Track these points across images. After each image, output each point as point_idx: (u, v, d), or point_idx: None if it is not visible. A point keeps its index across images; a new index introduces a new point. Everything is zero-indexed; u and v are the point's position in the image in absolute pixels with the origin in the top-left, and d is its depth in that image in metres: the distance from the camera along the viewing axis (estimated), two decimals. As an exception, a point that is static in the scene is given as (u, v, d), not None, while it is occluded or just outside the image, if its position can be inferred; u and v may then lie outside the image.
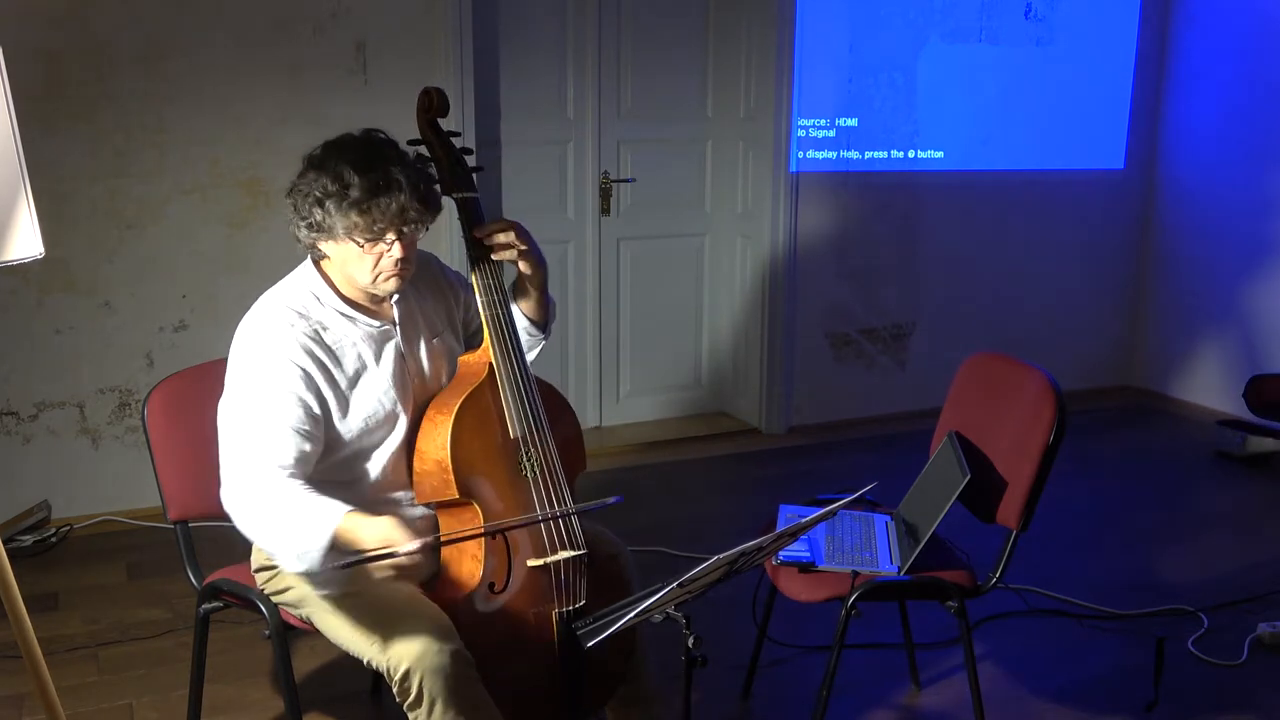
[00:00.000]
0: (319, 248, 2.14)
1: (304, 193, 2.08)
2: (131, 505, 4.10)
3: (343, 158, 2.06)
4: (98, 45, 3.85)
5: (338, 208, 2.04)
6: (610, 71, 4.91)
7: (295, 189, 2.11)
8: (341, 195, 2.03)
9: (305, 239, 2.13)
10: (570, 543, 2.23)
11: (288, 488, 1.98)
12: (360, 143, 2.11)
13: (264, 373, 2.06)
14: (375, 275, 2.11)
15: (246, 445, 2.03)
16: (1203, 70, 5.61)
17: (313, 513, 1.94)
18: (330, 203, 2.04)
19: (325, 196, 2.05)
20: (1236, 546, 3.99)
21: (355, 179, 2.03)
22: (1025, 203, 5.60)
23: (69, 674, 2.99)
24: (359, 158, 2.06)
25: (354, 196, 2.03)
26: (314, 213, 2.07)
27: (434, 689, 1.99)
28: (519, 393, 2.22)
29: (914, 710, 2.93)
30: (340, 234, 2.07)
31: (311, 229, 2.09)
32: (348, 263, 2.12)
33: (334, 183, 2.04)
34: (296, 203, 2.10)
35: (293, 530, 1.94)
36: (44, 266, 3.82)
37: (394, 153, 2.12)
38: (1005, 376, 2.68)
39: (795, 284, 5.14)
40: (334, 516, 1.93)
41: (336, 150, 2.09)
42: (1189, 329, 5.77)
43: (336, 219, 2.05)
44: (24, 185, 1.83)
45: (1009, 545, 2.49)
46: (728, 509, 4.35)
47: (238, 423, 2.06)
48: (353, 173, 2.03)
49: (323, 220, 2.06)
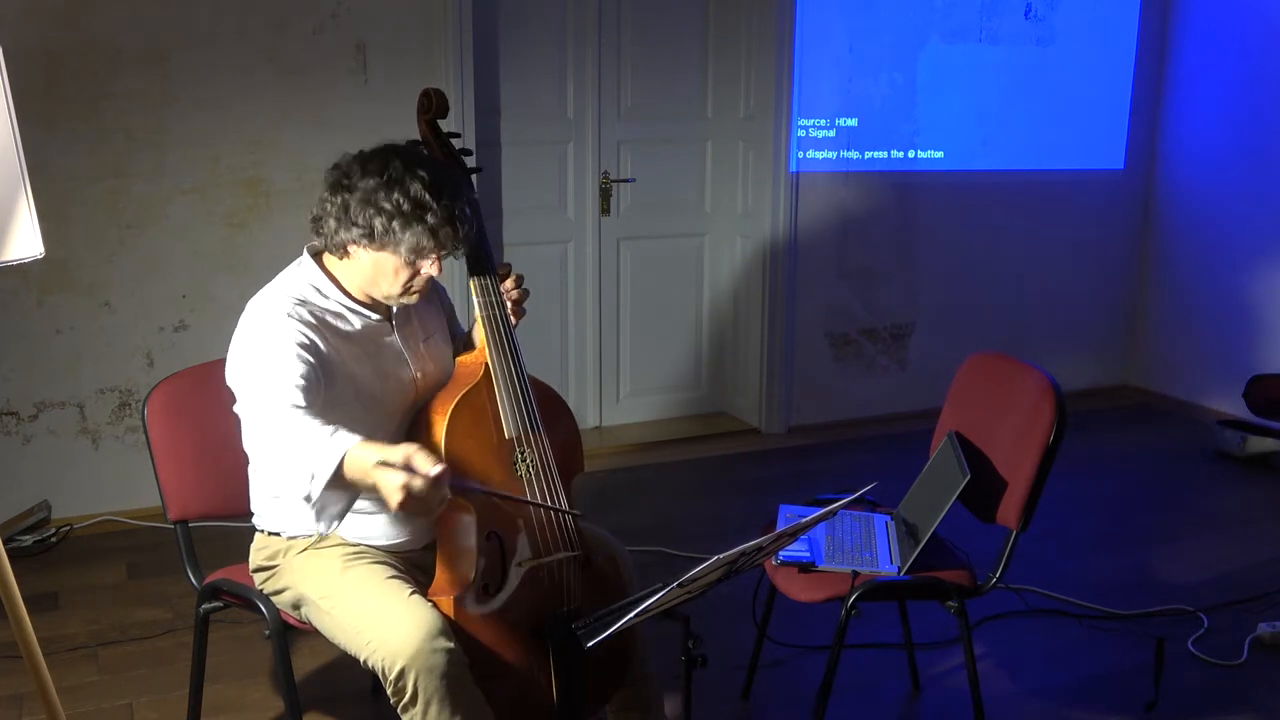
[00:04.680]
0: (349, 249, 2.11)
1: (364, 199, 2.04)
2: (131, 505, 4.10)
3: (415, 175, 2.04)
4: (98, 45, 3.85)
5: (408, 226, 2.03)
6: (610, 71, 4.91)
7: (348, 187, 2.06)
8: (416, 217, 2.02)
9: (344, 238, 2.09)
10: (565, 544, 2.24)
11: (303, 417, 1.94)
12: (428, 163, 2.09)
13: (271, 343, 2.04)
14: (405, 289, 2.12)
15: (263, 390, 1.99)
16: (1203, 70, 5.61)
17: (326, 435, 1.90)
18: (399, 220, 2.03)
19: (397, 213, 2.02)
20: (1236, 546, 3.99)
21: (433, 203, 2.03)
22: (1025, 203, 5.60)
23: (69, 674, 2.99)
24: (434, 179, 2.05)
25: (431, 223, 2.03)
26: (376, 223, 2.04)
27: (429, 689, 1.99)
28: (514, 393, 2.22)
29: (914, 710, 2.94)
30: (403, 251, 2.06)
31: (366, 235, 2.06)
32: (380, 273, 2.10)
33: (408, 201, 2.02)
34: (351, 205, 2.06)
35: (304, 453, 1.89)
36: (44, 266, 3.82)
37: (464, 180, 2.15)
38: (1005, 376, 2.68)
39: (795, 284, 5.14)
40: (348, 438, 1.89)
41: (405, 164, 2.06)
42: (1189, 329, 5.77)
43: (404, 238, 2.04)
44: (24, 185, 1.83)
45: (1009, 545, 2.49)
46: (728, 509, 4.35)
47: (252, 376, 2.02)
48: (430, 196, 2.03)
49: (384, 234, 2.04)
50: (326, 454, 1.87)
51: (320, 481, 1.87)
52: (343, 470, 1.87)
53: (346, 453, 1.87)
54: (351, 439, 1.88)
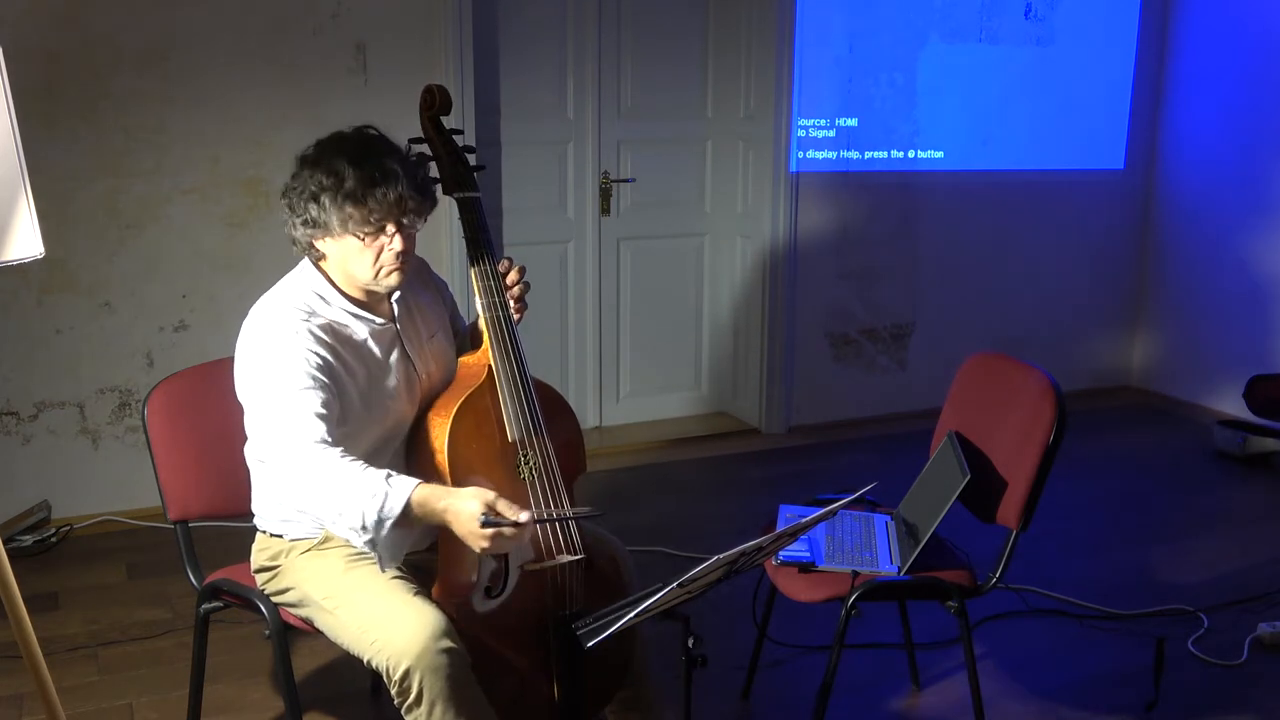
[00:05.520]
0: (317, 247, 2.13)
1: (299, 190, 2.08)
2: (131, 505, 4.10)
3: (337, 152, 2.06)
4: (98, 45, 3.85)
5: (333, 201, 2.04)
6: (610, 71, 4.91)
7: (290, 188, 2.11)
8: (336, 188, 2.03)
9: (302, 238, 2.12)
10: (568, 547, 2.23)
11: (343, 460, 1.95)
12: (353, 138, 2.12)
13: (286, 362, 2.04)
14: (377, 270, 2.11)
15: (286, 428, 1.99)
16: (1203, 70, 5.61)
17: (381, 481, 1.92)
18: (325, 197, 2.04)
19: (320, 191, 2.05)
20: (1236, 546, 3.99)
21: (350, 171, 2.03)
22: (1025, 203, 5.60)
23: (69, 674, 2.99)
24: (353, 151, 2.07)
25: (349, 188, 2.03)
26: (309, 209, 2.07)
27: (433, 689, 1.98)
28: (518, 395, 2.22)
29: (914, 710, 2.93)
30: (337, 228, 2.06)
31: (308, 225, 2.09)
32: (348, 259, 2.11)
33: (328, 176, 2.04)
34: (292, 201, 2.10)
35: (357, 498, 1.91)
36: (44, 266, 3.82)
37: (387, 146, 2.13)
38: (1005, 376, 2.68)
39: (795, 284, 5.14)
40: (408, 485, 1.92)
41: (329, 146, 2.09)
42: (1189, 329, 5.77)
43: (332, 213, 2.05)
44: (24, 185, 1.83)
45: (1009, 545, 2.49)
46: (728, 509, 4.35)
47: (271, 412, 2.02)
48: (347, 165, 2.04)
49: (319, 216, 2.06)
50: (389, 500, 1.90)
51: (385, 528, 1.91)
52: (409, 514, 1.91)
53: (410, 500, 1.91)
54: (410, 484, 1.92)
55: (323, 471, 1.95)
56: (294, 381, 2.02)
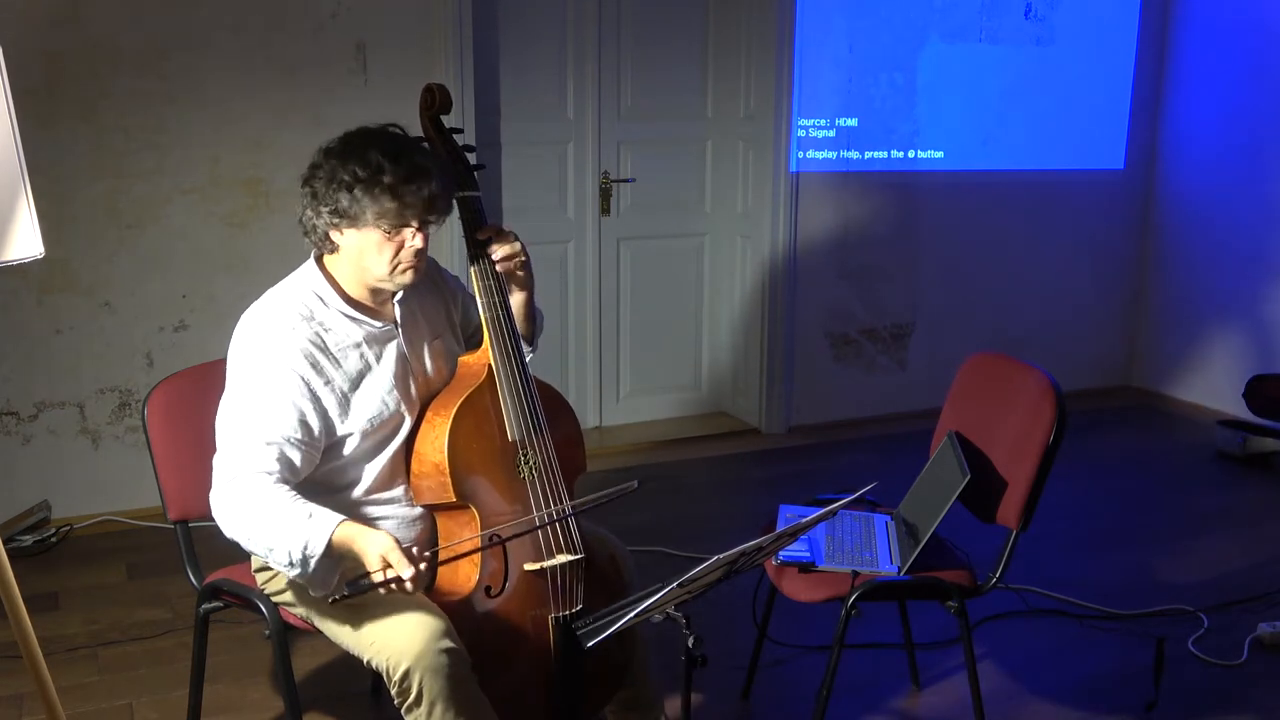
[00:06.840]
0: (333, 238, 2.11)
1: (328, 178, 2.06)
2: (131, 505, 4.10)
3: (371, 145, 2.06)
4: (98, 45, 3.85)
5: (368, 192, 2.03)
6: (610, 71, 4.91)
7: (316, 175, 2.09)
8: (374, 180, 2.03)
9: (324, 225, 2.10)
10: (568, 547, 2.23)
11: (273, 494, 1.99)
12: (385, 134, 2.11)
13: (262, 378, 2.06)
14: (394, 266, 2.10)
15: (235, 450, 2.03)
16: (1203, 70, 5.61)
17: (305, 520, 1.95)
18: (360, 188, 2.03)
19: (355, 181, 2.03)
20: (1236, 546, 3.99)
21: (388, 165, 2.03)
22: (1025, 203, 5.60)
23: (69, 674, 2.99)
24: (389, 146, 2.07)
25: (387, 181, 2.03)
26: (340, 198, 2.05)
27: (434, 689, 1.99)
28: (518, 395, 2.21)
29: (914, 710, 2.93)
30: (369, 220, 2.05)
31: (336, 214, 2.07)
32: (365, 253, 2.09)
33: (365, 168, 2.03)
34: (318, 189, 2.08)
35: (285, 536, 1.95)
36: (44, 266, 3.82)
37: (419, 145, 2.15)
38: (1005, 376, 2.68)
39: (795, 284, 5.14)
40: (329, 524, 1.94)
41: (363, 139, 2.08)
42: (1189, 329, 5.77)
43: (367, 204, 2.04)
44: (24, 185, 1.83)
45: (1009, 545, 2.49)
46: (728, 509, 4.35)
47: (230, 426, 2.06)
48: (385, 159, 2.03)
49: (349, 206, 2.05)
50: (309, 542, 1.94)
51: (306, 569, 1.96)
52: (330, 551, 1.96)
53: (330, 540, 1.94)
54: (328, 530, 1.95)
55: (254, 503, 1.99)
56: (263, 397, 2.04)
